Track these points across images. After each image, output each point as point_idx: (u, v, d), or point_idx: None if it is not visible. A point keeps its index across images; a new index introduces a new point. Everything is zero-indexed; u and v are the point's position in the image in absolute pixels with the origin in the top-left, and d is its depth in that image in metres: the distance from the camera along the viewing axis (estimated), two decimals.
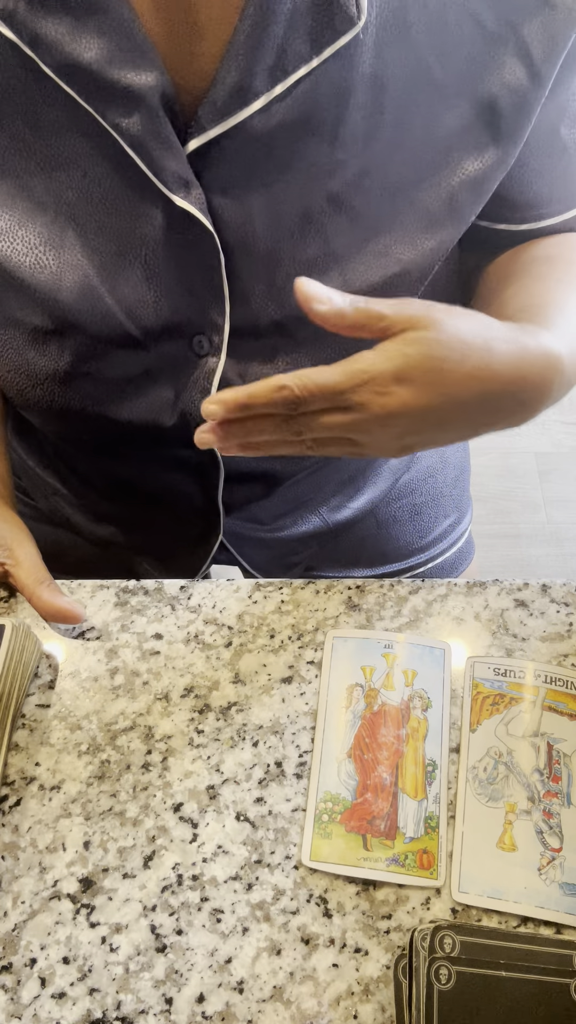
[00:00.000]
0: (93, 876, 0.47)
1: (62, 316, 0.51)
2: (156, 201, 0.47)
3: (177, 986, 0.43)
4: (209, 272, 0.50)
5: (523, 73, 0.48)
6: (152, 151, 0.44)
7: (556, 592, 0.58)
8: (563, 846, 0.47)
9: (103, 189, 0.47)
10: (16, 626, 0.52)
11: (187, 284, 0.50)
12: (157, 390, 0.56)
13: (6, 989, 0.43)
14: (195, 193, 0.46)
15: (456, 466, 0.84)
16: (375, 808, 0.48)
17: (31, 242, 0.49)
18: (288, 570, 0.80)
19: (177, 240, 0.48)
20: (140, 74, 0.42)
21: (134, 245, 0.49)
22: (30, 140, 0.46)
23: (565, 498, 1.76)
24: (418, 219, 0.51)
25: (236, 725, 0.52)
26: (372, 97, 0.46)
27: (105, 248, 0.49)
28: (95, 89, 0.43)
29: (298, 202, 0.48)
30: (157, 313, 0.51)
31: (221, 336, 0.53)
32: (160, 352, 0.54)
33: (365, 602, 0.58)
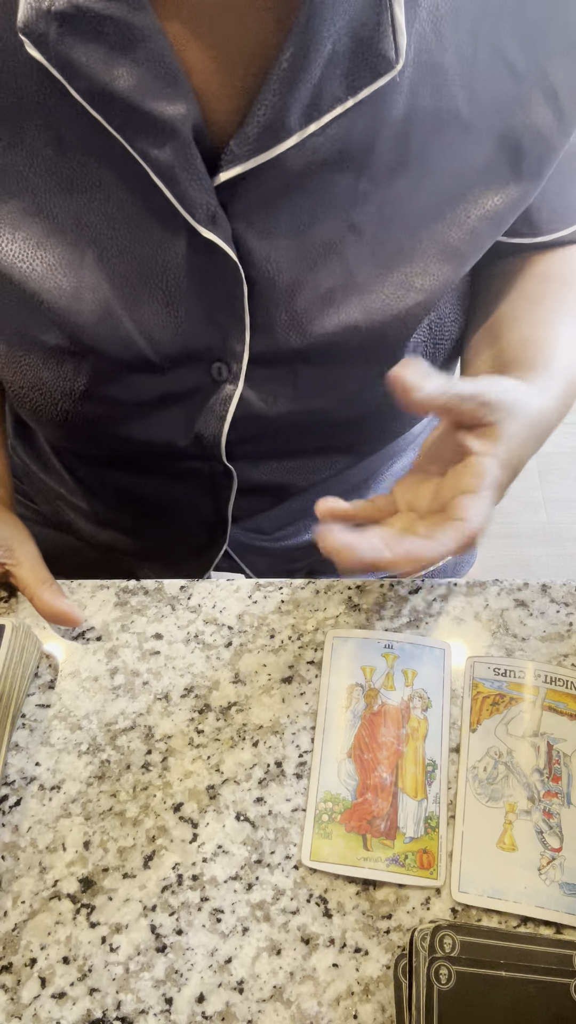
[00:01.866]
0: (93, 876, 0.47)
1: (80, 338, 0.51)
2: (181, 230, 0.47)
3: (177, 986, 0.43)
4: (231, 301, 0.50)
5: (549, 115, 0.48)
6: (181, 182, 0.44)
7: (556, 592, 0.58)
8: (563, 846, 0.47)
9: (126, 214, 0.47)
10: (16, 626, 0.52)
11: (208, 312, 0.50)
12: (172, 413, 0.56)
13: (6, 989, 0.43)
14: (222, 225, 0.46)
15: None
16: (375, 808, 0.48)
17: (49, 263, 0.48)
18: (290, 571, 0.80)
19: (200, 269, 0.48)
20: (172, 105, 0.42)
21: (156, 271, 0.49)
22: (52, 159, 0.46)
23: (565, 498, 1.76)
24: (438, 251, 0.51)
25: (236, 725, 0.52)
26: (402, 133, 0.46)
27: (126, 272, 0.49)
28: (126, 118, 0.42)
29: (322, 233, 0.48)
30: (176, 339, 0.51)
31: (240, 364, 0.53)
32: (177, 377, 0.54)
33: (365, 602, 0.58)
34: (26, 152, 0.46)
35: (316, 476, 0.67)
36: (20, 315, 0.51)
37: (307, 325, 0.51)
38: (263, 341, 0.52)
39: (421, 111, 0.46)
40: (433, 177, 0.48)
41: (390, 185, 0.48)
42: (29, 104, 0.44)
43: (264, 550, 0.74)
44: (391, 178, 0.48)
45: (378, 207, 0.48)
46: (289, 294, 0.50)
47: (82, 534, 0.77)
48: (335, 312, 0.51)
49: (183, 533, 0.70)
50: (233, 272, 0.48)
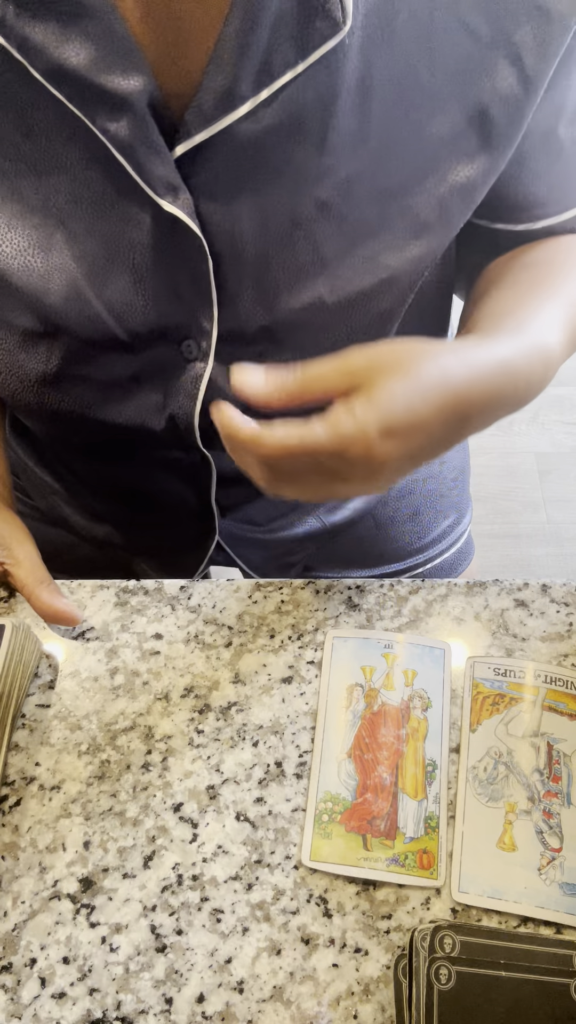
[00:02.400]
0: (93, 876, 0.47)
1: (50, 318, 0.51)
2: (144, 206, 0.47)
3: (177, 986, 0.43)
4: (197, 277, 0.50)
5: (515, 80, 0.47)
6: (140, 156, 0.44)
7: (556, 592, 0.58)
8: (563, 846, 0.47)
9: (92, 193, 0.47)
10: (16, 626, 0.52)
11: (175, 289, 0.50)
12: (145, 394, 0.56)
13: (6, 989, 0.43)
14: (183, 198, 0.46)
15: (455, 467, 0.84)
16: (375, 808, 0.48)
17: (19, 245, 0.49)
18: (286, 570, 0.80)
19: (165, 245, 0.48)
20: (127, 79, 0.42)
21: (123, 249, 0.49)
22: (20, 143, 0.46)
23: (565, 498, 1.76)
24: (407, 225, 0.51)
25: (236, 725, 0.52)
26: (359, 102, 0.46)
27: (94, 252, 0.49)
28: (83, 93, 0.43)
29: (286, 208, 0.48)
30: (145, 317, 0.51)
31: (209, 341, 0.53)
32: (148, 356, 0.54)
33: (365, 602, 0.58)
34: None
35: None
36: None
37: (274, 301, 0.51)
38: (231, 318, 0.52)
39: (378, 78, 0.45)
40: (398, 150, 0.48)
41: (355, 159, 0.47)
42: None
43: (258, 542, 0.74)
44: (355, 151, 0.47)
45: (344, 181, 0.48)
46: (255, 269, 0.50)
47: (78, 529, 0.77)
48: (302, 288, 0.51)
49: (174, 525, 0.70)
50: (197, 246, 0.48)
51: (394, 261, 0.52)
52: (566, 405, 1.91)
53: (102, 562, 0.78)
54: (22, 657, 0.52)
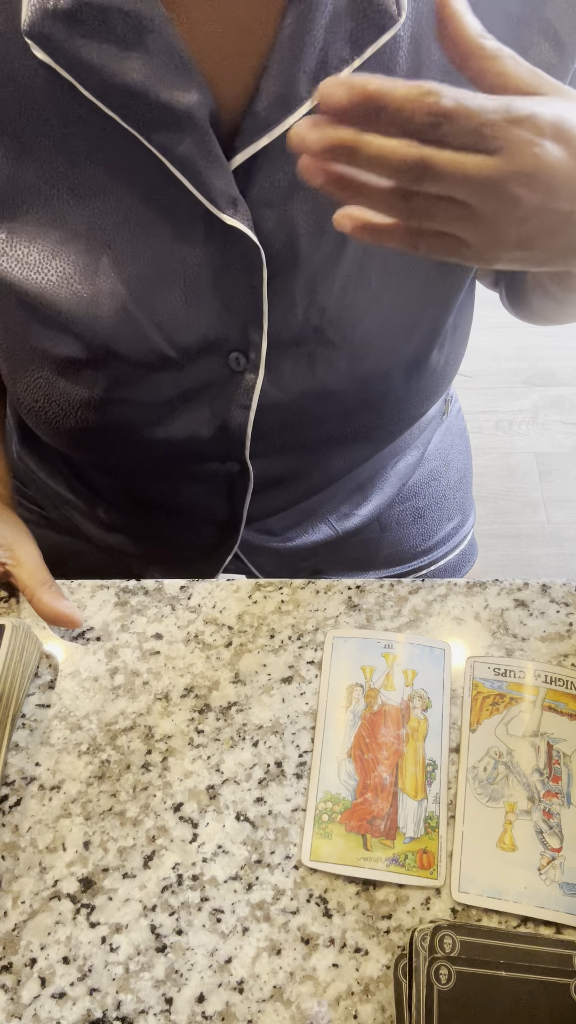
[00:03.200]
0: (93, 876, 0.47)
1: (98, 344, 0.50)
2: (197, 222, 0.46)
3: (177, 986, 0.43)
4: (250, 288, 0.49)
5: (550, 51, 0.47)
6: (202, 171, 0.44)
7: (556, 592, 0.58)
8: (563, 846, 0.47)
9: (139, 214, 0.46)
10: (16, 626, 0.52)
11: (226, 302, 0.50)
12: (194, 410, 0.56)
13: (6, 989, 0.43)
14: (242, 210, 0.46)
15: (459, 469, 0.84)
16: (375, 808, 0.48)
17: (65, 272, 0.48)
18: (296, 572, 0.80)
19: (217, 259, 0.48)
20: (187, 94, 0.42)
21: (172, 267, 0.48)
22: (63, 167, 0.45)
23: (565, 498, 1.76)
24: None
25: (236, 725, 0.52)
26: None
27: (142, 272, 0.48)
28: (141, 111, 0.42)
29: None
30: (195, 333, 0.51)
31: (258, 352, 0.52)
32: (195, 372, 0.53)
33: (365, 602, 0.58)
34: (37, 162, 0.45)
35: (331, 471, 0.66)
36: (33, 331, 0.51)
37: (325, 301, 0.51)
38: (281, 324, 0.52)
39: (427, 65, 0.45)
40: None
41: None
42: (37, 112, 0.44)
43: (272, 551, 0.74)
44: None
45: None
46: (309, 272, 0.50)
47: (90, 538, 0.77)
48: (354, 283, 0.51)
49: (194, 535, 0.70)
50: (255, 257, 0.48)
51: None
52: (566, 405, 1.91)
53: (113, 569, 0.78)
54: (22, 657, 0.52)
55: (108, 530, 0.75)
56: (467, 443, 0.88)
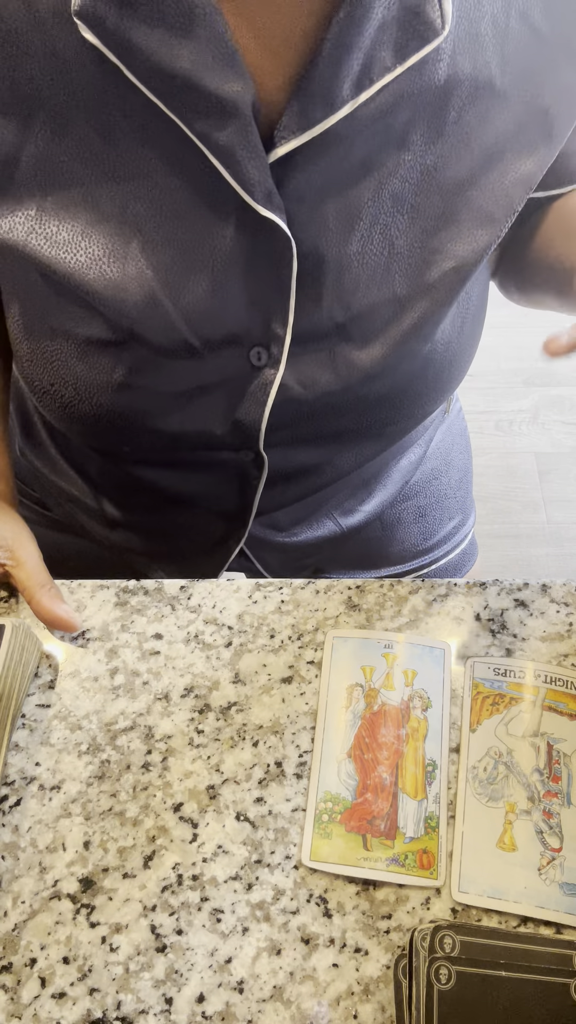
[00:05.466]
0: (93, 876, 0.47)
1: (123, 327, 0.50)
2: (230, 213, 0.47)
3: (177, 986, 0.43)
4: (278, 282, 0.50)
5: (573, 74, 0.49)
6: (241, 161, 0.44)
7: (556, 592, 0.58)
8: (563, 846, 0.47)
9: (173, 200, 0.47)
10: (16, 626, 0.52)
11: (253, 295, 0.50)
12: (211, 401, 0.56)
13: (6, 989, 0.43)
14: (276, 203, 0.46)
15: (460, 468, 0.85)
16: (375, 808, 0.48)
17: (94, 253, 0.48)
18: (299, 572, 0.80)
19: (249, 251, 0.48)
20: (231, 84, 0.42)
21: (202, 257, 0.48)
22: (99, 148, 0.45)
23: (565, 498, 1.76)
24: (473, 217, 0.52)
25: (236, 725, 0.52)
26: (442, 102, 0.47)
27: (171, 259, 0.48)
28: (185, 99, 0.42)
29: (367, 205, 0.49)
30: (219, 324, 0.51)
31: (281, 347, 0.52)
32: (216, 364, 0.53)
33: (365, 602, 0.58)
34: (73, 142, 0.46)
35: (341, 466, 0.67)
36: (56, 309, 0.51)
37: (351, 298, 0.51)
38: (305, 320, 0.52)
39: (460, 79, 0.46)
40: (468, 144, 0.49)
41: (429, 153, 0.48)
42: (78, 91, 0.44)
43: (277, 546, 0.74)
44: (430, 146, 0.48)
45: (417, 175, 0.49)
46: (337, 269, 0.50)
47: (94, 536, 0.77)
48: (378, 282, 0.51)
49: (201, 529, 0.70)
50: (286, 251, 0.48)
51: (461, 251, 0.52)
52: (566, 405, 1.91)
53: (117, 568, 0.78)
54: (22, 657, 0.52)
55: (112, 527, 0.74)
56: (468, 443, 0.88)
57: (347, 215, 0.49)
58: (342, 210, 0.48)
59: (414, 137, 0.47)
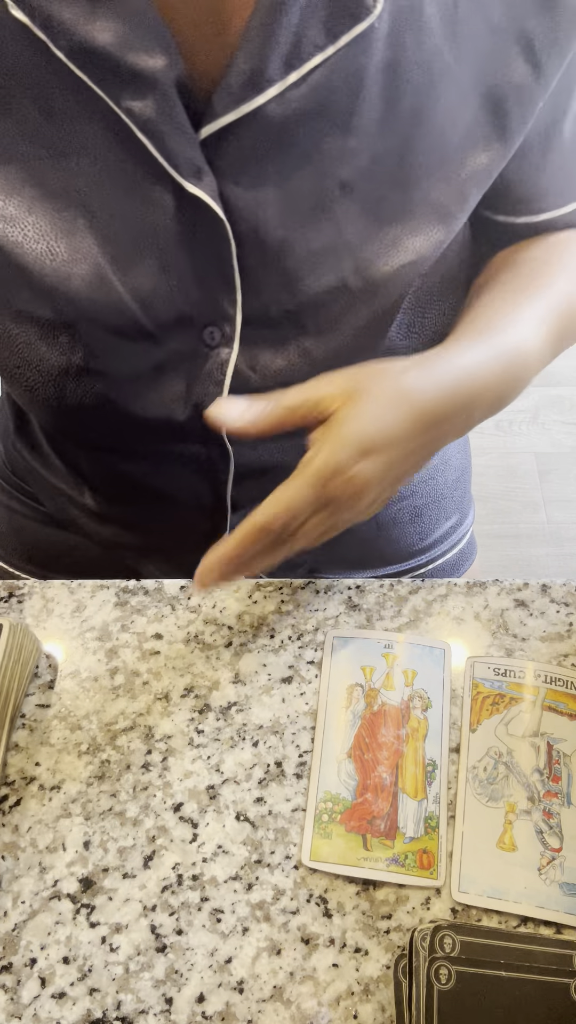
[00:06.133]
0: (93, 876, 0.47)
1: (74, 306, 0.51)
2: (168, 189, 0.47)
3: (177, 986, 0.43)
4: (220, 262, 0.49)
5: (527, 67, 0.48)
6: (164, 136, 0.44)
7: (556, 592, 0.58)
8: (563, 846, 0.47)
9: (114, 176, 0.47)
10: (14, 625, 0.52)
11: (199, 274, 0.50)
12: (169, 384, 0.56)
13: (6, 989, 0.43)
14: (207, 180, 0.46)
15: (457, 467, 0.84)
16: (375, 808, 0.48)
17: (42, 228, 0.48)
18: (291, 571, 0.79)
19: (189, 229, 0.48)
20: (154, 58, 0.42)
21: (146, 234, 0.49)
22: (40, 125, 0.46)
23: (565, 498, 1.76)
24: (428, 210, 0.51)
25: (236, 725, 0.52)
26: (386, 86, 0.46)
27: (117, 236, 0.49)
28: (108, 73, 0.42)
29: (311, 190, 0.48)
30: (170, 303, 0.51)
31: (233, 327, 0.53)
32: (171, 345, 0.54)
33: (365, 602, 0.58)
34: (15, 120, 0.46)
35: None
36: (11, 288, 0.51)
37: (297, 284, 0.51)
38: (254, 302, 0.52)
39: (405, 62, 0.45)
40: (422, 133, 0.48)
41: (379, 141, 0.48)
42: (16, 70, 0.44)
43: None
44: (380, 134, 0.47)
45: (368, 163, 0.48)
46: (279, 253, 0.50)
47: (86, 531, 0.77)
48: (326, 271, 0.51)
49: (185, 523, 0.70)
50: (221, 230, 0.48)
51: (416, 245, 0.52)
52: (566, 405, 1.91)
53: (109, 564, 0.78)
54: (20, 656, 0.52)
55: (101, 521, 0.74)
56: (466, 441, 0.88)
57: (286, 199, 0.48)
58: (282, 194, 0.48)
59: (361, 123, 0.46)
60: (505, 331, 0.51)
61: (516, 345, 0.50)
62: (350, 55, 0.44)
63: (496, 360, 0.49)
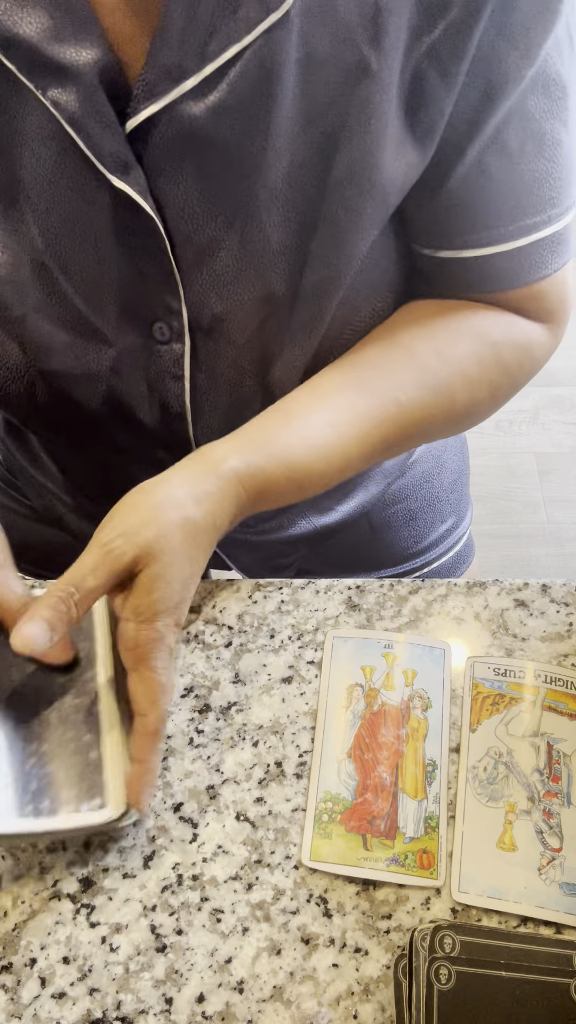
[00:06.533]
0: (93, 876, 0.47)
1: (20, 301, 0.51)
2: (101, 183, 0.47)
3: (177, 986, 0.43)
4: (158, 255, 0.49)
5: (435, 75, 0.46)
6: (90, 130, 0.44)
7: (556, 592, 0.58)
8: (563, 846, 0.47)
9: (49, 169, 0.47)
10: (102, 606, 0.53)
11: (139, 268, 0.50)
12: (129, 385, 0.56)
13: (6, 989, 0.43)
14: (134, 175, 0.46)
15: (454, 470, 0.84)
16: (375, 808, 0.48)
17: None
18: (278, 573, 0.79)
19: (123, 223, 0.48)
20: (80, 51, 0.42)
21: (84, 227, 0.49)
22: None
23: (565, 498, 1.76)
24: (349, 218, 0.50)
25: (236, 725, 0.52)
26: (303, 82, 0.45)
27: (56, 228, 0.49)
28: (35, 65, 0.42)
29: (235, 193, 0.48)
30: (113, 297, 0.51)
31: (181, 321, 0.52)
32: (122, 343, 0.54)
33: (365, 602, 0.58)
34: None
35: None
36: None
37: (224, 289, 0.51)
38: (197, 298, 0.52)
39: (320, 57, 0.45)
40: (343, 136, 0.47)
41: (302, 143, 0.47)
42: None
43: (248, 544, 0.74)
44: (302, 134, 0.47)
45: (291, 167, 0.47)
46: (208, 254, 0.50)
47: (73, 530, 0.77)
48: (252, 278, 0.51)
49: None
50: (150, 224, 0.48)
51: (335, 256, 0.51)
52: (566, 405, 1.91)
53: None
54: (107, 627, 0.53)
55: (88, 520, 0.75)
56: (463, 443, 0.87)
57: (211, 199, 0.48)
58: (206, 193, 0.47)
59: (281, 123, 0.45)
60: (292, 453, 0.52)
61: (292, 466, 0.52)
62: (265, 48, 0.43)
63: (242, 488, 0.51)
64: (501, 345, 0.56)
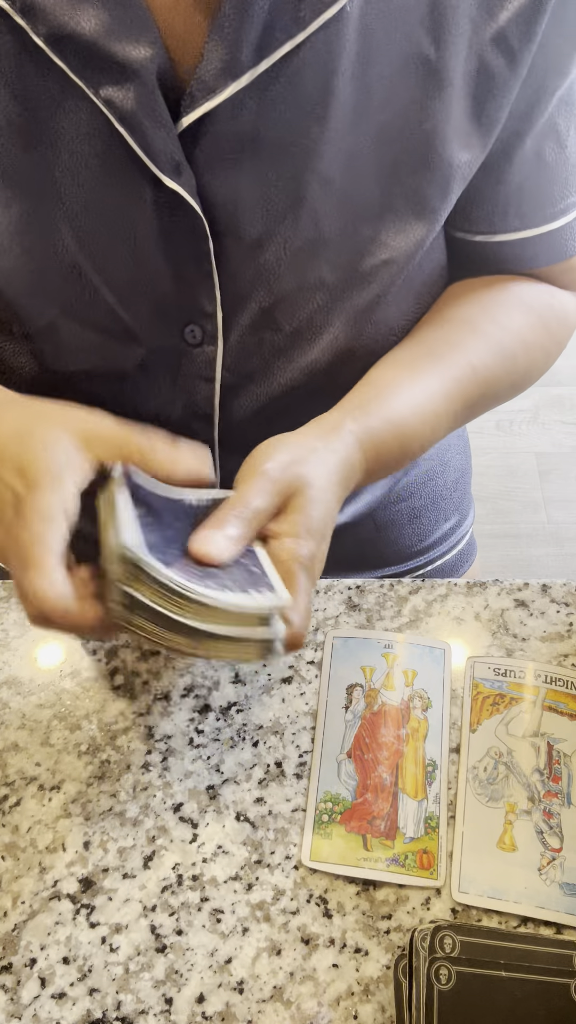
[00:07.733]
0: (93, 876, 0.47)
1: (50, 302, 0.50)
2: (145, 182, 0.46)
3: (177, 986, 0.43)
4: (198, 257, 0.49)
5: (501, 59, 0.47)
6: (145, 129, 0.44)
7: (556, 592, 0.58)
8: (563, 846, 0.47)
9: (90, 169, 0.46)
10: None
11: (176, 269, 0.50)
12: (157, 384, 0.56)
13: (6, 989, 0.43)
14: (185, 175, 0.45)
15: (457, 469, 0.84)
16: (375, 808, 0.48)
17: (17, 225, 0.48)
18: None
19: (166, 223, 0.48)
20: (138, 47, 0.41)
21: (122, 227, 0.48)
22: (17, 115, 0.45)
23: (565, 498, 1.76)
24: (410, 205, 0.50)
25: (236, 725, 0.52)
26: (360, 73, 0.45)
27: (93, 228, 0.48)
28: (89, 62, 0.42)
29: (289, 183, 0.47)
30: (147, 298, 0.51)
31: (214, 324, 0.52)
32: (153, 344, 0.53)
33: (365, 602, 0.58)
34: None
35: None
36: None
37: (274, 280, 0.51)
38: (235, 298, 0.51)
39: (378, 50, 0.45)
40: (401, 126, 0.47)
41: (357, 133, 0.47)
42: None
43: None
44: (357, 125, 0.46)
45: (346, 157, 0.47)
46: (257, 248, 0.49)
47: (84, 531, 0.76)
48: (303, 267, 0.51)
49: None
50: (198, 225, 0.47)
51: (396, 241, 0.51)
52: (566, 405, 1.91)
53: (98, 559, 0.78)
54: None
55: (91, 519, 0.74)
56: (466, 443, 0.87)
57: (264, 192, 0.47)
58: (259, 186, 0.47)
59: (337, 114, 0.45)
60: (394, 412, 0.52)
61: (400, 425, 0.51)
62: (321, 42, 0.43)
63: (372, 444, 0.50)
64: (545, 313, 0.59)
